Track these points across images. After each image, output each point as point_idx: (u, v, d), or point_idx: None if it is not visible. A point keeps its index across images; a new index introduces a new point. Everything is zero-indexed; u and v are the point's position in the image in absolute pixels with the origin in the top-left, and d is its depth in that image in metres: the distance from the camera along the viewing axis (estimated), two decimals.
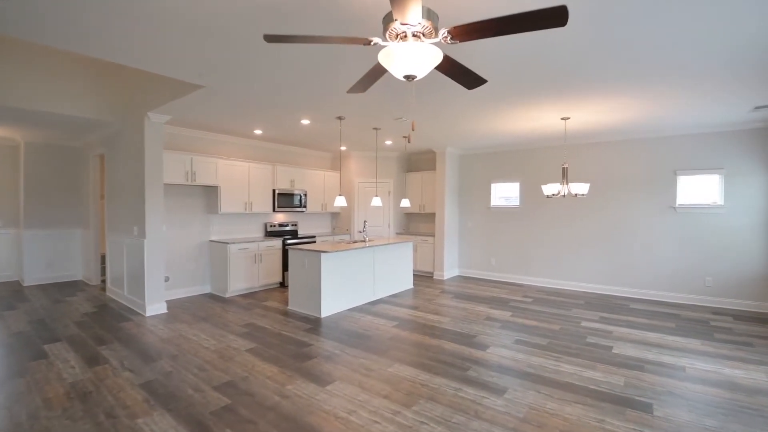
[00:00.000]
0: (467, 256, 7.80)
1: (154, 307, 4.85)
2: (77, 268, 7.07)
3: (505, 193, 7.41)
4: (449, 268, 7.58)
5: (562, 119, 4.97)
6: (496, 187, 7.48)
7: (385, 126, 5.50)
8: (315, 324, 4.53)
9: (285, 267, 6.52)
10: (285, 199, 6.85)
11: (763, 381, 3.08)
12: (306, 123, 5.28)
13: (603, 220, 6.26)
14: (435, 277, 7.50)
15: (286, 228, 7.20)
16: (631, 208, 6.02)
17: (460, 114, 4.78)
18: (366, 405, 2.68)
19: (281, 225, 7.10)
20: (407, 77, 1.84)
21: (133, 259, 5.05)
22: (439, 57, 1.79)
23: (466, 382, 3.05)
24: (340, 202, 5.21)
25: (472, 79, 2.23)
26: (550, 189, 5.08)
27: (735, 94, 3.90)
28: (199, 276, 5.99)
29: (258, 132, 5.97)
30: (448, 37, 1.75)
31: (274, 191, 6.69)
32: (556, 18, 1.49)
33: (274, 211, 6.72)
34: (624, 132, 5.79)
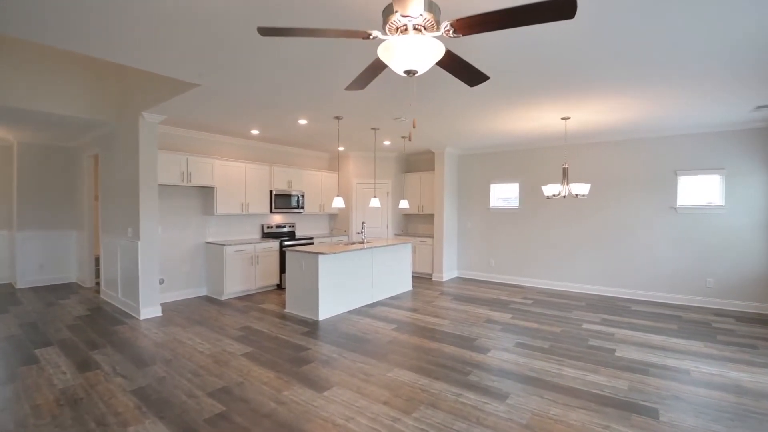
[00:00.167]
0: (466, 258, 7.73)
1: (149, 310, 4.76)
2: (71, 270, 6.96)
3: (504, 194, 7.35)
4: (448, 270, 7.51)
5: (563, 119, 4.92)
6: (495, 188, 7.42)
7: (383, 126, 5.43)
8: (312, 327, 4.45)
9: (282, 269, 6.44)
10: (282, 200, 6.77)
11: None
12: (303, 123, 5.21)
13: (603, 220, 6.21)
14: (434, 278, 7.43)
15: (284, 229, 7.12)
16: (632, 209, 5.97)
17: (460, 113, 4.72)
18: (365, 411, 2.61)
19: (278, 226, 7.02)
20: (408, 72, 1.77)
21: (128, 261, 4.96)
22: (441, 51, 1.72)
23: (467, 387, 2.98)
24: (338, 203, 5.15)
25: (474, 76, 2.16)
26: (550, 189, 5.02)
27: (735, 94, 3.87)
28: (194, 278, 5.90)
29: (255, 132, 5.90)
30: (451, 31, 1.68)
31: (271, 192, 6.61)
32: (564, 9, 1.42)
33: (271, 212, 6.64)
34: (624, 132, 5.75)
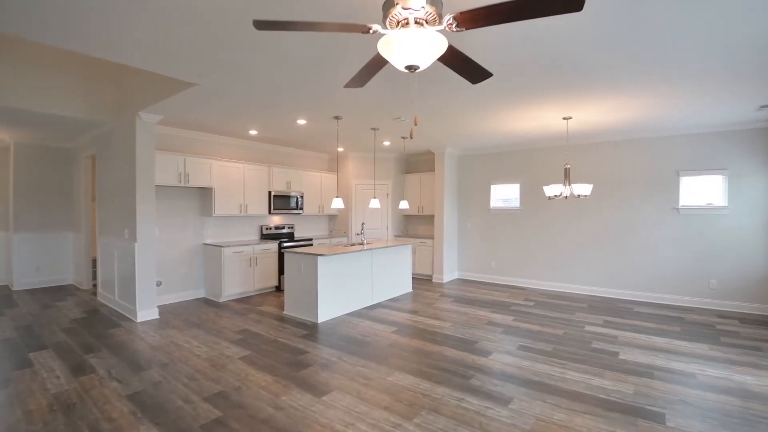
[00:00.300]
0: (467, 259, 7.67)
1: (146, 313, 4.70)
2: (68, 272, 6.89)
3: (504, 195, 7.30)
4: (449, 271, 7.45)
5: (564, 119, 4.87)
6: (495, 189, 7.36)
7: (383, 126, 5.38)
8: (311, 330, 4.39)
9: (281, 270, 6.37)
10: (281, 201, 6.71)
11: None
12: (303, 123, 5.16)
13: (605, 221, 6.15)
14: (434, 280, 7.37)
15: (283, 230, 7.06)
16: (634, 210, 5.91)
17: (461, 113, 4.67)
18: (365, 417, 2.55)
19: (277, 227, 6.95)
20: (409, 68, 1.72)
21: (124, 263, 4.89)
22: (443, 45, 1.67)
23: (469, 391, 2.92)
24: (337, 204, 5.09)
25: (476, 72, 2.11)
26: (552, 190, 4.97)
27: (736, 93, 3.84)
28: (192, 280, 5.84)
29: (253, 132, 5.84)
30: (454, 24, 1.62)
31: (270, 193, 6.55)
32: (572, 1, 1.37)
33: (270, 213, 6.58)
34: (626, 132, 5.70)
